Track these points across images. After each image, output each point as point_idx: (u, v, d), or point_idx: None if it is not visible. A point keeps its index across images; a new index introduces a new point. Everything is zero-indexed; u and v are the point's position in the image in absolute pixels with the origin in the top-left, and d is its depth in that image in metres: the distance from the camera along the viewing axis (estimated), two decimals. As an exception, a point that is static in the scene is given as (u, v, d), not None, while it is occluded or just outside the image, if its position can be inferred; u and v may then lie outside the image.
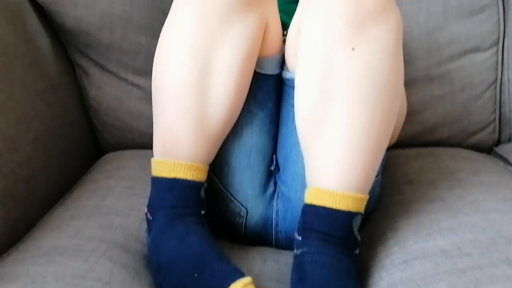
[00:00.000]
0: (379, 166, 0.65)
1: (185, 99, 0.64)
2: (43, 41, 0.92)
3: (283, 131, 0.71)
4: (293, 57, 0.66)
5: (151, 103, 0.68)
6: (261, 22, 0.66)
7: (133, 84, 1.00)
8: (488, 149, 1.04)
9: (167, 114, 0.65)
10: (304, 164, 0.65)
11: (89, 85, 1.00)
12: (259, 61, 0.68)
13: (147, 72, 0.99)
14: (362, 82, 0.59)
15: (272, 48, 0.69)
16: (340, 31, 0.59)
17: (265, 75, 0.70)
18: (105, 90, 1.00)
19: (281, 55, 0.71)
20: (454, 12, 0.94)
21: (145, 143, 0.98)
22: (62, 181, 0.87)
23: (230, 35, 0.63)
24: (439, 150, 0.95)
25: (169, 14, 0.67)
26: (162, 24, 0.95)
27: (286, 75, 0.70)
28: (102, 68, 0.99)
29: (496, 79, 1.00)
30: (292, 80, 0.67)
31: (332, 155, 0.60)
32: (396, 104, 0.62)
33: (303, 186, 0.65)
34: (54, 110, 0.88)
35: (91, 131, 1.04)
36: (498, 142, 1.05)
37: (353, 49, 0.59)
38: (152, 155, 0.67)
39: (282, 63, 0.71)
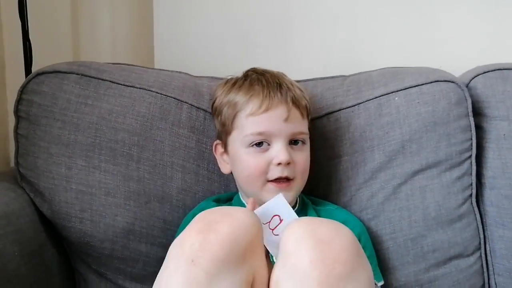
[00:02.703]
0: None
1: None
2: (48, 253, 0.97)
3: None
4: None
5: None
6: (248, 277, 0.70)
7: (131, 291, 1.02)
8: None
9: None
10: None
11: (87, 292, 1.02)
12: None
13: (145, 278, 1.02)
14: None
15: None
16: None
17: None
18: (102, 297, 1.01)
19: None
20: (434, 221, 0.98)
21: None
22: None
23: None
24: None
25: (159, 275, 0.71)
26: (162, 232, 1.01)
27: None
28: (101, 275, 1.02)
29: (483, 284, 1.01)
30: None
31: None
32: None
33: None
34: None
35: None
36: None
37: None
38: None
39: None
